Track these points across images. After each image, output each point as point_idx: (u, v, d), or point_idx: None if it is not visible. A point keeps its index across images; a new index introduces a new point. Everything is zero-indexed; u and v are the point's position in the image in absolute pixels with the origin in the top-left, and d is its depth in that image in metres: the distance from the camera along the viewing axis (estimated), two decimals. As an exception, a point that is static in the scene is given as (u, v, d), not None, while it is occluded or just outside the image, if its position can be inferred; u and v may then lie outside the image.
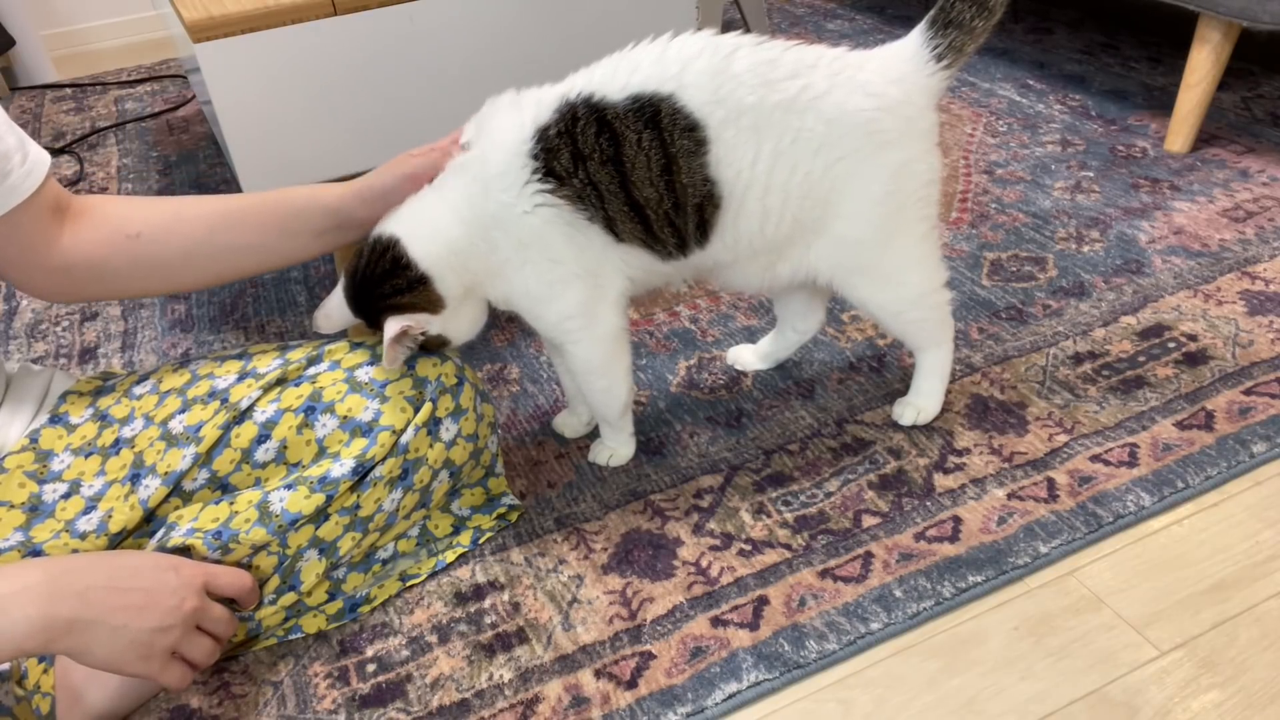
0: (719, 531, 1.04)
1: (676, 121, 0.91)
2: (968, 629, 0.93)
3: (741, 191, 0.95)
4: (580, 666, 0.92)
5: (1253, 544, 0.99)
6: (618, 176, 0.92)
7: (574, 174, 0.91)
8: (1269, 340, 1.23)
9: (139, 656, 0.78)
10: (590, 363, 1.04)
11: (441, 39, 1.22)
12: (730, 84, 0.91)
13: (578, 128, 0.90)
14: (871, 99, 0.95)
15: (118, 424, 0.95)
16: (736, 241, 0.98)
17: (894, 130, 0.96)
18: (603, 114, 0.91)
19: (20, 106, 2.37)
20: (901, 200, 0.99)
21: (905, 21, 2.27)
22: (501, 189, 0.92)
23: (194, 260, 0.97)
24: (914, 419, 1.15)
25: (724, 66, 0.92)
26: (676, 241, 0.97)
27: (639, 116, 0.91)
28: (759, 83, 0.92)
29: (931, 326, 1.11)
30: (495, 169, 0.92)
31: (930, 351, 1.13)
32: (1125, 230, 1.48)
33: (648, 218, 0.94)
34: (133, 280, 0.97)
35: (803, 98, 0.93)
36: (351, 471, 0.91)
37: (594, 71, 0.94)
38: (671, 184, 0.93)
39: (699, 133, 0.91)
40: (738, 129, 0.92)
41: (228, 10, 1.10)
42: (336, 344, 1.00)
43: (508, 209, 0.92)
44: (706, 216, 0.96)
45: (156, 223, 0.95)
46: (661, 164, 0.92)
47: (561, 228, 0.93)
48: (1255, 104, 1.80)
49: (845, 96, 0.94)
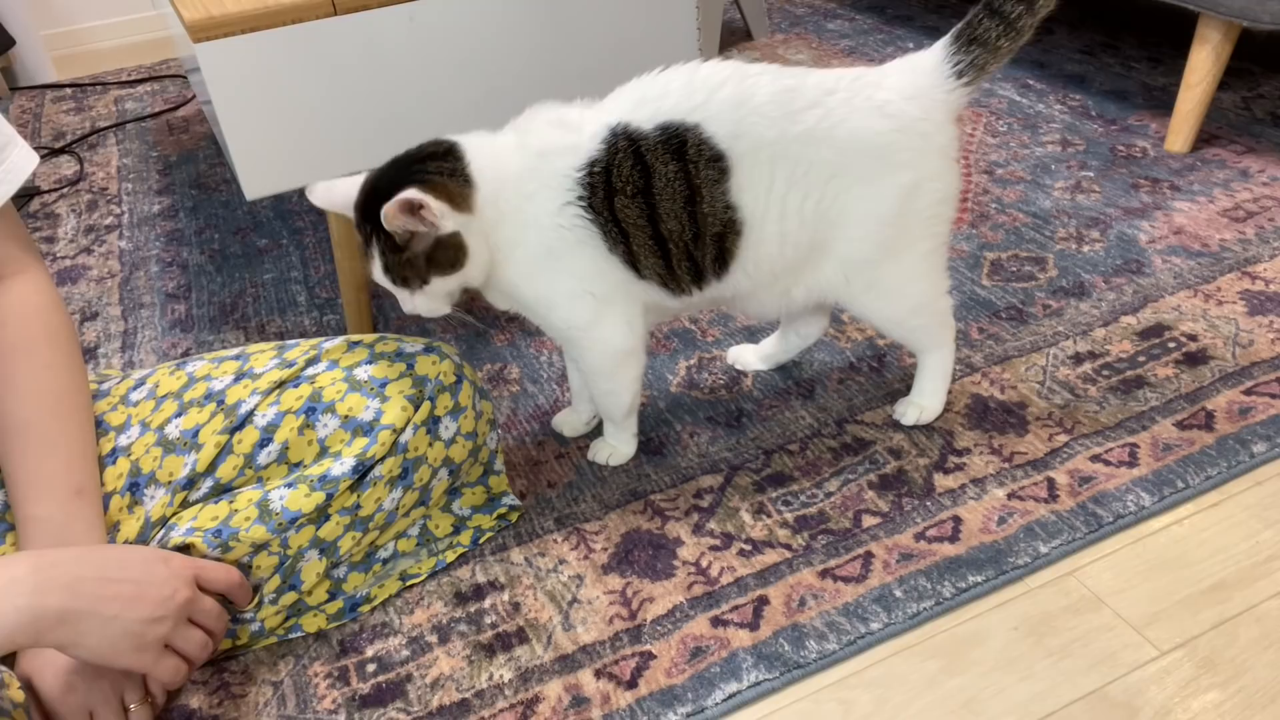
0: (719, 531, 1.04)
1: (702, 153, 0.92)
2: (968, 629, 0.93)
3: (760, 217, 0.95)
4: (580, 666, 0.92)
5: (1253, 544, 0.99)
6: (646, 210, 0.93)
7: (610, 206, 0.93)
8: (1269, 340, 1.23)
9: (132, 648, 0.77)
10: (596, 367, 1.04)
11: (441, 39, 1.22)
12: (753, 117, 0.92)
13: (616, 161, 0.92)
14: (888, 120, 0.95)
15: (114, 432, 0.95)
16: (757, 268, 0.99)
17: (909, 150, 0.96)
18: (638, 146, 0.92)
19: (20, 106, 2.37)
20: (910, 220, 0.99)
21: (905, 21, 2.27)
22: (545, 197, 0.93)
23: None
24: (917, 418, 1.15)
25: (747, 97, 0.92)
26: (692, 276, 0.98)
27: (667, 148, 0.92)
28: (780, 115, 0.92)
29: (933, 331, 1.11)
30: (546, 179, 0.93)
31: (932, 353, 1.13)
32: (1125, 230, 1.48)
33: (669, 252, 0.95)
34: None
35: (821, 127, 0.93)
36: (352, 470, 0.91)
37: (624, 96, 0.95)
38: (694, 215, 0.94)
39: (722, 163, 0.92)
40: (756, 160, 0.93)
41: (228, 10, 1.10)
42: (334, 344, 1.00)
43: (545, 212, 0.93)
44: (727, 245, 0.96)
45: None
46: (685, 195, 0.93)
47: (590, 250, 0.95)
48: (1255, 104, 1.80)
49: (862, 121, 0.94)
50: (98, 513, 0.88)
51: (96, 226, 1.77)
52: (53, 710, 0.83)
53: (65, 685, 0.82)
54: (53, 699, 0.82)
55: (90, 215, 1.81)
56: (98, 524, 0.88)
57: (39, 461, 0.87)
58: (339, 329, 1.42)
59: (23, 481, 0.86)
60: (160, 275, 1.60)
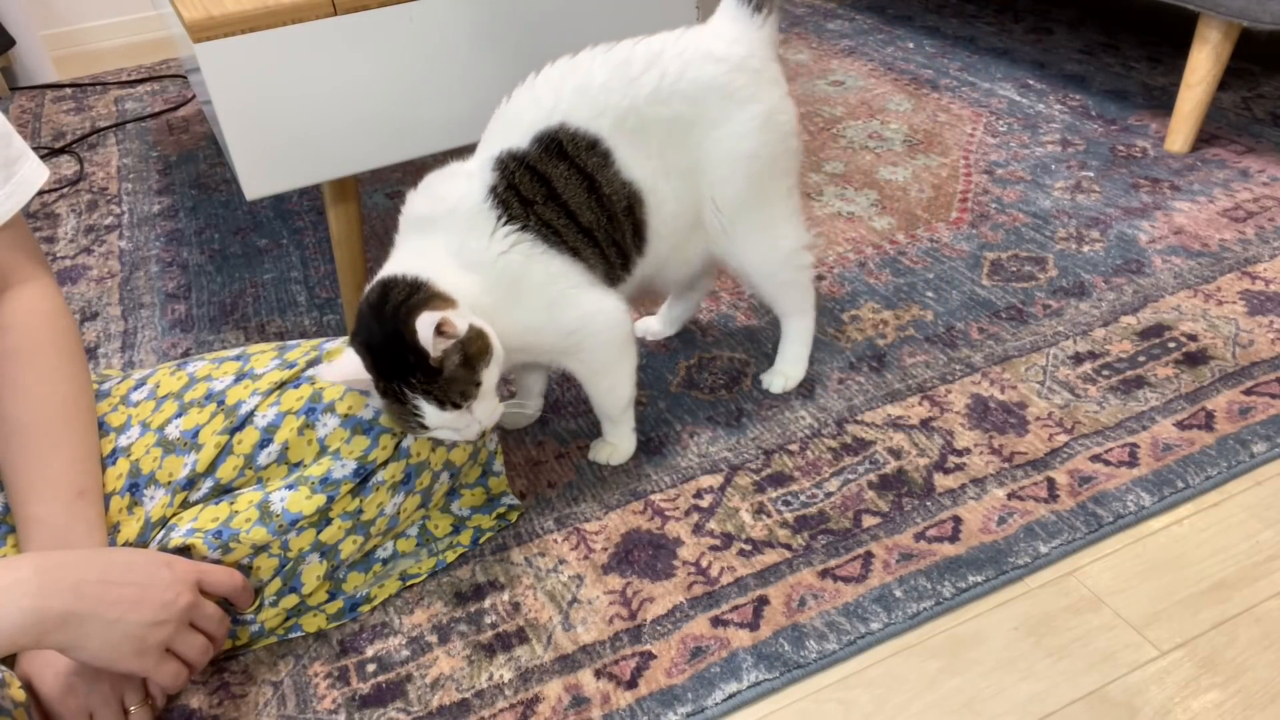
0: (719, 531, 1.04)
1: (579, 145, 0.98)
2: (968, 629, 0.93)
3: (652, 185, 1.02)
4: (580, 666, 0.92)
5: (1253, 544, 0.99)
6: (562, 210, 0.98)
7: (529, 215, 0.96)
8: (1269, 340, 1.23)
9: (133, 651, 0.78)
10: (605, 359, 1.05)
11: (441, 39, 1.22)
12: (600, 95, 0.98)
13: (515, 179, 0.96)
14: (720, 63, 1.02)
15: (114, 433, 0.95)
16: (670, 232, 1.05)
17: (749, 86, 1.04)
18: (526, 161, 0.97)
19: (20, 106, 2.37)
20: (770, 154, 1.07)
21: (905, 21, 2.27)
22: (474, 238, 0.95)
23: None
24: (784, 386, 1.22)
25: (588, 81, 0.98)
26: (621, 261, 1.03)
27: (550, 153, 0.97)
28: (624, 84, 0.99)
29: (800, 291, 1.18)
30: (464, 223, 0.95)
31: (796, 318, 1.21)
32: (1125, 230, 1.48)
33: (597, 239, 1.00)
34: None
35: (664, 85, 1.00)
36: (353, 473, 0.91)
37: (489, 133, 1.00)
38: (601, 200, 0.99)
39: (600, 146, 0.98)
40: (625, 132, 0.99)
41: (228, 10, 1.10)
42: (336, 345, 1.00)
43: (484, 254, 0.95)
44: (638, 216, 1.02)
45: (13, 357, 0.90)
46: (586, 185, 0.98)
47: (539, 257, 0.97)
48: (1255, 104, 1.80)
49: (700, 69, 1.01)
50: (99, 514, 0.89)
51: (96, 226, 1.77)
52: (53, 711, 0.83)
53: (65, 687, 0.82)
54: (53, 700, 0.83)
55: (90, 215, 1.81)
56: (99, 525, 0.88)
57: (42, 462, 0.87)
58: (339, 329, 1.42)
59: (25, 482, 0.87)
60: (160, 275, 1.60)
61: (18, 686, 0.82)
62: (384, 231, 1.64)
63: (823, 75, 2.09)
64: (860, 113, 1.92)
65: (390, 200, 1.77)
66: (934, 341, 1.28)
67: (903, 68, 2.08)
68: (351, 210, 1.31)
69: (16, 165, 0.91)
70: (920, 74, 2.04)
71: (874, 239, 1.52)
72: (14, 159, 0.91)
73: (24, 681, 0.83)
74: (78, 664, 0.81)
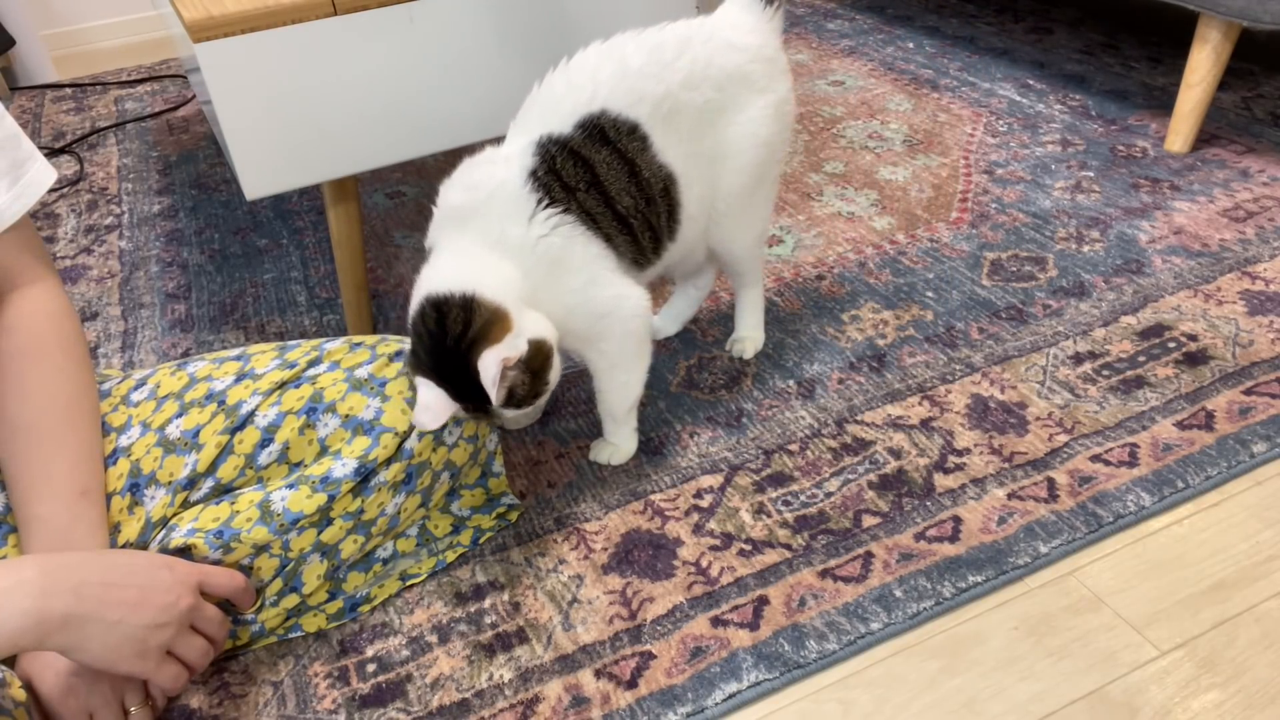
0: (719, 531, 1.04)
1: (620, 130, 1.00)
2: (968, 629, 0.93)
3: (684, 169, 1.04)
4: (580, 666, 0.92)
5: (1253, 544, 0.99)
6: (602, 198, 0.99)
7: (571, 199, 0.97)
8: (1269, 340, 1.23)
9: (134, 653, 0.78)
10: (629, 349, 1.05)
11: (441, 39, 1.22)
12: (638, 81, 1.00)
13: (558, 164, 0.97)
14: (741, 52, 1.06)
15: (115, 433, 0.95)
16: (699, 214, 1.09)
17: (765, 75, 1.08)
18: (569, 147, 0.98)
19: (20, 106, 2.37)
20: (779, 141, 1.11)
21: (905, 21, 2.27)
22: (514, 224, 0.95)
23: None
24: (754, 350, 1.28)
25: (625, 67, 1.00)
26: (654, 245, 1.05)
27: (593, 139, 0.99)
28: (659, 70, 1.01)
29: (760, 262, 1.24)
30: (503, 209, 0.96)
31: (751, 289, 1.26)
32: (1125, 230, 1.48)
33: (632, 226, 1.01)
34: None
35: (696, 70, 1.03)
36: (354, 472, 0.91)
37: (525, 119, 1.01)
38: (640, 184, 1.01)
39: (639, 131, 1.00)
40: (661, 117, 1.01)
41: (228, 10, 1.10)
42: (336, 345, 1.00)
43: (524, 239, 0.95)
44: (673, 198, 1.04)
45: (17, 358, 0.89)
46: (627, 170, 1.00)
47: (579, 238, 0.98)
48: (1255, 104, 1.80)
49: (725, 57, 1.05)
50: (101, 515, 0.89)
51: (96, 226, 1.77)
52: (53, 712, 0.83)
53: (66, 688, 0.82)
54: (53, 701, 0.83)
55: (90, 215, 1.81)
56: (101, 526, 0.88)
57: (46, 462, 0.87)
58: (339, 329, 1.42)
59: (28, 481, 0.87)
60: (160, 275, 1.60)
61: (18, 687, 0.82)
62: (384, 231, 1.64)
63: (823, 75, 2.09)
64: (860, 113, 1.92)
65: (390, 200, 1.77)
66: (934, 341, 1.28)
67: (903, 68, 2.08)
68: (351, 210, 1.31)
69: (25, 167, 0.91)
70: (920, 74, 2.04)
71: (874, 239, 1.52)
72: (23, 160, 0.91)
73: (24, 682, 0.83)
74: (78, 665, 0.81)
